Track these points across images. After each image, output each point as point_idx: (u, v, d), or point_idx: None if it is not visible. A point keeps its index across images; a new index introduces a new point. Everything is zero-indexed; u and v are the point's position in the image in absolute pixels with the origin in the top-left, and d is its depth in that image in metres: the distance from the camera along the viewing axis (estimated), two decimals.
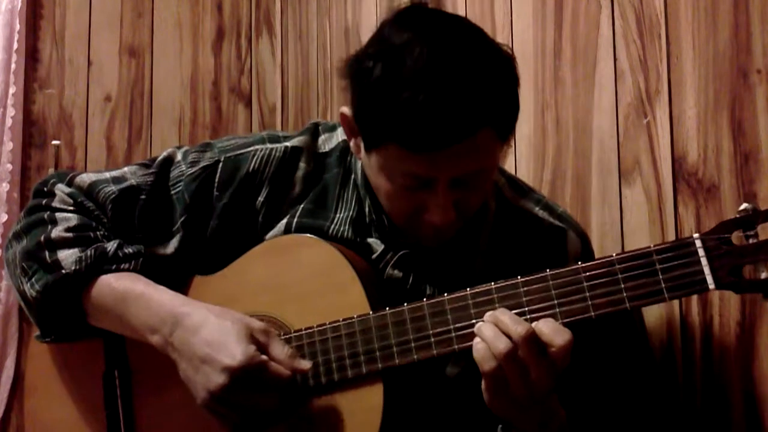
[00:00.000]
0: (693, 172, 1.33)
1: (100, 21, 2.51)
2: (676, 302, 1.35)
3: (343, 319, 1.15)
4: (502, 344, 1.03)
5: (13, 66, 2.35)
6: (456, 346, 1.10)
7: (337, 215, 1.25)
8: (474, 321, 1.09)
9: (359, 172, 1.26)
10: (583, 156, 1.54)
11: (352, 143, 1.22)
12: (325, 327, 1.16)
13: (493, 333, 1.05)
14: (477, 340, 1.06)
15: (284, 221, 1.26)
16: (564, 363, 1.04)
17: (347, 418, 1.14)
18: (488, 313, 1.07)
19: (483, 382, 1.07)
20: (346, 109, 1.18)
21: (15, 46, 2.35)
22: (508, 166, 1.68)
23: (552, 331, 1.03)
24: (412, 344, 1.12)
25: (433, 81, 1.05)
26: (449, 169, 1.10)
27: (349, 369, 1.14)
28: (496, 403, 1.08)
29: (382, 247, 1.23)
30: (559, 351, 1.03)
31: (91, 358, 1.32)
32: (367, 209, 1.25)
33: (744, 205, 1.03)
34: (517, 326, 1.04)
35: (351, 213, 1.25)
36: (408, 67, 1.06)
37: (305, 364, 1.13)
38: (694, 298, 1.33)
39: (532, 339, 1.03)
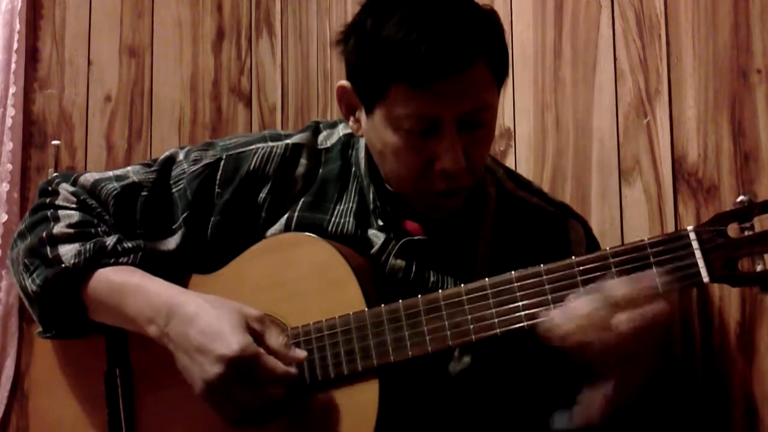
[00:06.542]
0: (693, 172, 1.34)
1: (100, 21, 2.50)
2: (676, 302, 1.35)
3: (339, 317, 1.16)
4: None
5: (13, 66, 2.34)
6: (450, 342, 1.10)
7: (338, 207, 1.26)
8: (468, 317, 1.09)
9: (362, 163, 1.28)
10: (583, 156, 1.54)
11: (351, 122, 1.24)
12: (321, 324, 1.17)
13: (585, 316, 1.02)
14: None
15: (285, 216, 1.27)
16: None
17: (343, 415, 1.14)
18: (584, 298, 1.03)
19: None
20: (343, 81, 1.21)
21: (15, 46, 2.34)
22: (508, 165, 1.68)
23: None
24: (407, 341, 1.12)
25: (427, 18, 1.11)
26: (452, 104, 1.12)
27: (344, 365, 1.15)
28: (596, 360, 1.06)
29: (383, 237, 1.24)
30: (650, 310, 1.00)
31: (94, 357, 1.33)
32: (371, 196, 1.25)
33: (741, 197, 1.01)
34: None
35: (352, 204, 1.26)
36: (400, 12, 1.12)
37: (300, 353, 1.14)
38: (694, 297, 1.33)
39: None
